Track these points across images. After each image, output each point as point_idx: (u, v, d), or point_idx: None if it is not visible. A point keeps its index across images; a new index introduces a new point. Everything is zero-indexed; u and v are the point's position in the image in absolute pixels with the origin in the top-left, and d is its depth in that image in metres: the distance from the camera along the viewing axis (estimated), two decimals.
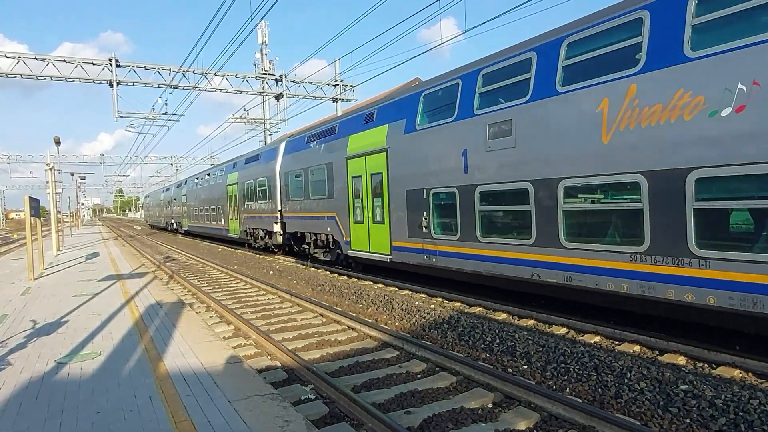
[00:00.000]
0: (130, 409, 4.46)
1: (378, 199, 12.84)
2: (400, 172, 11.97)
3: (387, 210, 12.50)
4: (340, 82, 30.29)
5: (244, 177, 23.67)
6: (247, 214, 23.32)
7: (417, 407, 5.50)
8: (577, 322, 8.29)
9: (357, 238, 14.05)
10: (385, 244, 12.72)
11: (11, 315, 8.97)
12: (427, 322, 8.85)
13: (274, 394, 4.72)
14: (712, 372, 6.17)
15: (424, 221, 11.09)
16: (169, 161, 67.70)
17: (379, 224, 12.87)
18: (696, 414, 4.95)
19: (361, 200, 13.59)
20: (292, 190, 18.28)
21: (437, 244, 10.88)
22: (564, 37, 8.18)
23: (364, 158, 13.35)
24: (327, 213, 15.48)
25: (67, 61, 25.61)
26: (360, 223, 13.84)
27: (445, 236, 10.69)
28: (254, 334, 8.58)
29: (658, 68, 6.69)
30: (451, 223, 10.46)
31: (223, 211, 27.54)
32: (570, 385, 5.89)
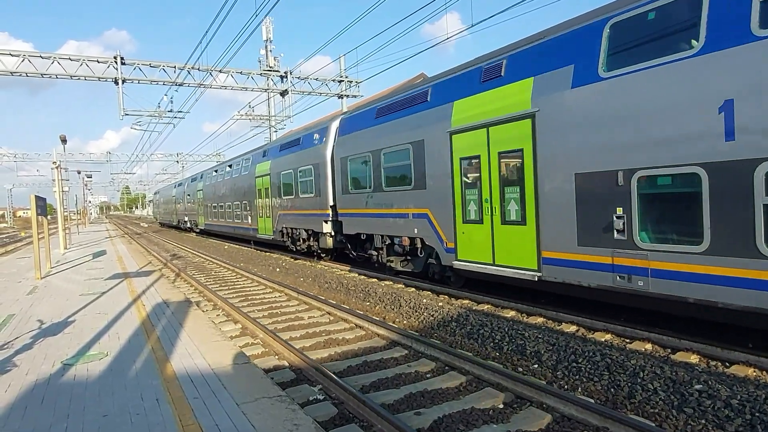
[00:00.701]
0: (136, 412, 4.41)
1: (513, 189, 9.09)
2: (563, 146, 8.01)
3: (533, 204, 8.61)
4: (345, 78, 30.15)
5: (279, 166, 19.63)
6: (284, 211, 19.23)
7: (427, 408, 5.42)
8: (587, 319, 8.18)
9: (469, 244, 10.11)
10: (526, 254, 8.84)
11: (18, 315, 8.96)
12: (436, 320, 8.77)
13: (283, 396, 4.65)
14: (725, 371, 6.05)
15: (618, 221, 7.19)
16: (175, 158, 67.82)
17: (515, 224, 9.05)
18: (711, 415, 4.85)
19: (479, 191, 9.76)
20: (351, 181, 14.24)
21: (648, 258, 6.92)
22: None
23: (485, 131, 9.50)
24: (413, 209, 11.54)
25: (72, 59, 25.61)
26: (475, 223, 9.90)
27: (669, 246, 6.74)
28: (261, 333, 8.53)
29: None
30: (688, 225, 6.60)
31: (251, 207, 23.33)
32: (582, 385, 5.80)
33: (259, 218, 22.22)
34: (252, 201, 23.04)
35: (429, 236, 11.17)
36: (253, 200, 22.83)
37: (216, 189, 30.18)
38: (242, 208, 24.73)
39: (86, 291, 11.32)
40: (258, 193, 22.19)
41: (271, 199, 20.61)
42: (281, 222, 19.71)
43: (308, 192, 16.99)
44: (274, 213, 20.34)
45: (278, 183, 19.73)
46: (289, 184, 18.71)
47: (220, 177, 29.29)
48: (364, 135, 13.59)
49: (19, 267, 17.29)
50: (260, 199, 21.96)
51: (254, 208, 22.88)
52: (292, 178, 18.30)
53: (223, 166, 29.90)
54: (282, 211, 19.51)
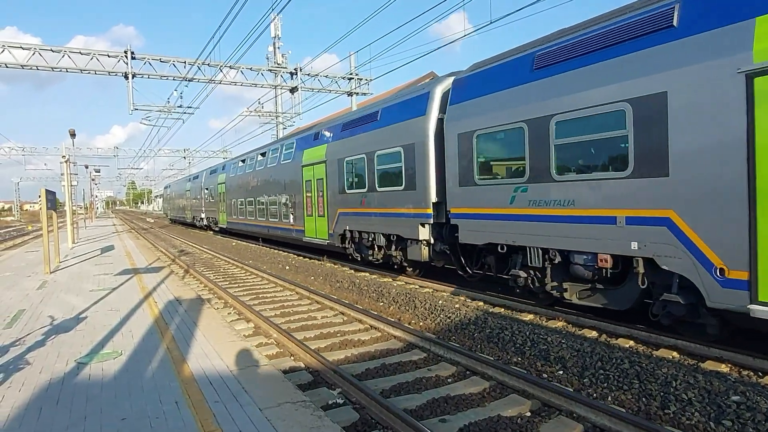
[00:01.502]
0: (156, 416, 4.25)
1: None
2: None
3: None
4: (356, 75, 29.98)
5: (342, 151, 15.12)
6: (347, 209, 14.81)
7: (451, 414, 5.25)
8: (609, 324, 7.98)
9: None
10: None
11: (28, 310, 8.84)
12: (453, 322, 8.58)
13: (307, 402, 4.48)
14: (760, 381, 5.84)
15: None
16: (182, 154, 67.83)
17: None
18: (752, 428, 4.64)
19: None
20: (479, 167, 9.82)
21: None
22: None
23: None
24: (633, 211, 7.13)
25: (82, 53, 25.56)
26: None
27: None
28: (275, 333, 8.37)
29: None
30: None
31: (294, 204, 19.07)
32: (611, 394, 5.60)
33: (307, 218, 17.89)
34: (296, 196, 18.84)
35: (671, 255, 6.64)
36: (298, 195, 18.56)
37: (243, 182, 25.80)
38: (281, 205, 20.53)
39: (96, 287, 11.19)
40: (306, 186, 17.83)
41: (326, 193, 16.08)
42: (342, 223, 15.07)
43: (393, 184, 12.57)
44: (330, 212, 15.81)
45: (340, 173, 15.15)
46: (358, 174, 14.23)
47: (249, 168, 24.99)
48: (514, 96, 9.01)
49: (28, 261, 17.21)
50: (309, 193, 17.62)
51: (299, 205, 18.56)
52: (364, 165, 13.77)
53: (252, 155, 25.41)
54: (344, 209, 14.96)
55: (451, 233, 10.92)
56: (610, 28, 7.60)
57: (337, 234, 15.46)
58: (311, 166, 17.32)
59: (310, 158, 17.53)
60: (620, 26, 7.43)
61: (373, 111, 13.97)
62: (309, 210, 17.75)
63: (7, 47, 24.41)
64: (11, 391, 4.93)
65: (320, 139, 16.90)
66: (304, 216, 18.13)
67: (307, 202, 17.81)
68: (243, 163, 26.65)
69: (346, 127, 15.21)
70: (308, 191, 17.73)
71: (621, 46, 7.27)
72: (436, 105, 11.29)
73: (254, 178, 24.13)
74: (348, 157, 14.71)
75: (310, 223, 17.79)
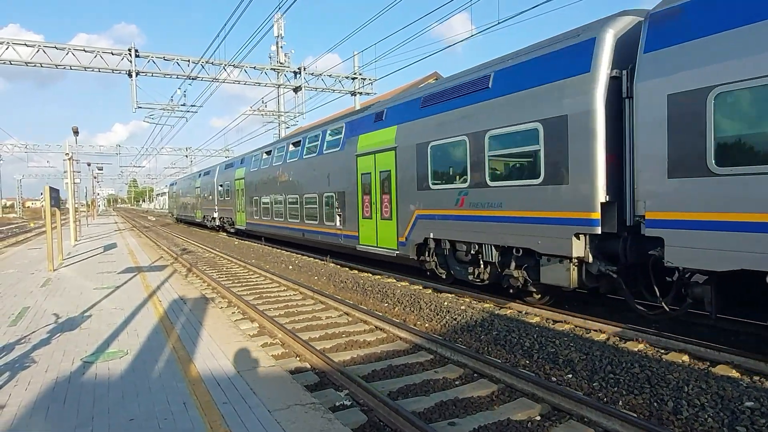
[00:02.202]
0: (164, 416, 4.20)
1: None
2: None
3: None
4: (359, 75, 29.95)
5: (422, 134, 11.54)
6: (432, 209, 11.31)
7: (461, 418, 5.20)
8: (618, 327, 7.92)
9: None
10: None
11: (33, 308, 8.81)
12: (459, 324, 8.53)
13: (316, 404, 4.43)
14: None
15: None
16: (184, 153, 67.85)
17: None
18: None
19: None
20: (720, 144, 6.25)
21: None
22: None
23: None
24: None
25: (86, 50, 25.55)
26: None
27: None
28: (280, 333, 8.32)
29: None
30: None
31: (343, 203, 15.39)
32: (622, 398, 5.54)
33: (363, 221, 14.22)
34: (347, 193, 15.08)
35: None
36: (350, 192, 14.85)
37: (269, 177, 22.30)
38: (323, 205, 16.90)
39: (100, 285, 11.16)
40: (363, 180, 14.16)
41: (395, 190, 12.63)
42: (422, 229, 11.60)
43: (521, 176, 9.18)
44: (402, 214, 12.37)
45: (420, 163, 11.62)
46: (453, 163, 10.68)
47: (278, 160, 21.42)
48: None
49: (31, 258, 17.19)
50: (367, 189, 13.91)
51: (350, 204, 14.87)
52: (465, 151, 10.19)
53: (281, 144, 21.98)
54: (426, 211, 11.51)
55: (637, 250, 7.60)
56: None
57: (412, 243, 11.90)
58: (371, 155, 13.67)
59: (369, 145, 13.84)
60: None
61: (478, 76, 10.20)
62: (366, 211, 13.98)
63: (11, 44, 24.41)
64: (18, 390, 4.89)
65: (386, 119, 13.21)
66: (359, 218, 14.34)
67: (365, 201, 14.06)
68: (268, 155, 22.90)
69: (429, 102, 11.47)
70: (366, 187, 13.99)
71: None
72: (607, 57, 7.72)
73: (284, 172, 20.51)
74: (435, 140, 11.09)
75: (367, 228, 13.98)
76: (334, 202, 15.97)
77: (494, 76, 9.77)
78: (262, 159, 23.56)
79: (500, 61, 9.94)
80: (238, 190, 27.41)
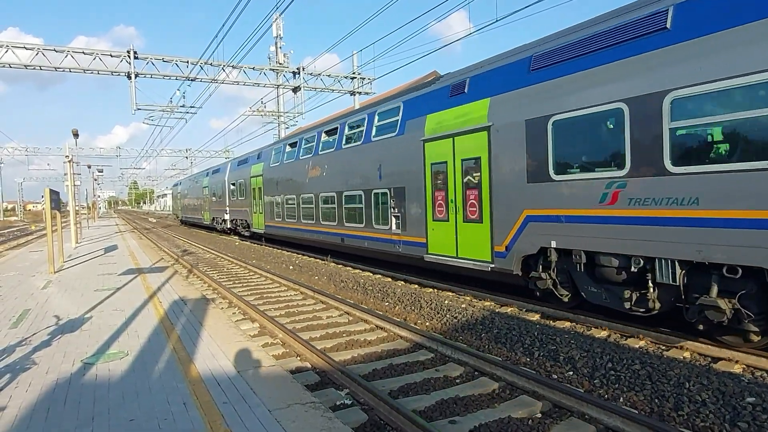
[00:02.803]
0: (164, 417, 4.19)
1: None
2: None
3: None
4: (358, 75, 29.95)
5: (536, 107, 8.72)
6: (555, 209, 8.45)
7: (461, 416, 5.19)
8: (618, 324, 7.90)
9: None
10: None
11: (34, 309, 8.81)
12: (460, 322, 8.52)
13: (316, 403, 4.43)
14: None
15: None
16: (185, 154, 67.86)
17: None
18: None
19: None
20: None
21: None
22: None
23: None
24: None
25: (85, 53, 25.58)
26: None
27: None
28: (281, 333, 8.33)
29: None
30: None
31: (402, 201, 12.54)
32: (623, 395, 5.54)
33: (434, 224, 11.40)
34: (409, 189, 12.25)
35: None
36: (414, 187, 12.01)
37: (295, 172, 19.49)
38: (373, 203, 13.96)
39: (101, 286, 11.16)
40: (433, 172, 11.34)
41: (488, 183, 9.75)
42: (537, 235, 8.76)
43: (747, 156, 6.11)
44: (500, 214, 9.49)
45: (530, 146, 8.78)
46: (602, 140, 7.86)
47: (306, 152, 18.63)
48: None
49: (32, 261, 17.20)
50: (441, 183, 11.08)
51: (413, 203, 12.11)
52: (621, 125, 7.36)
53: (310, 134, 19.00)
54: (542, 211, 8.65)
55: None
56: None
57: (517, 254, 9.11)
58: (446, 138, 10.78)
59: (443, 126, 10.93)
60: None
61: (642, 15, 7.31)
62: (440, 211, 11.13)
63: (10, 47, 24.44)
64: (18, 392, 4.89)
65: (470, 92, 10.36)
66: (427, 221, 11.56)
67: (436, 199, 11.23)
68: (293, 148, 20.10)
69: (547, 62, 8.65)
70: (438, 180, 11.15)
71: None
72: None
73: (316, 166, 17.55)
74: (561, 113, 8.20)
75: (441, 232, 11.14)
76: (389, 200, 13.00)
77: (676, 11, 6.84)
78: (286, 152, 20.65)
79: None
80: (254, 189, 24.68)
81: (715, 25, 6.33)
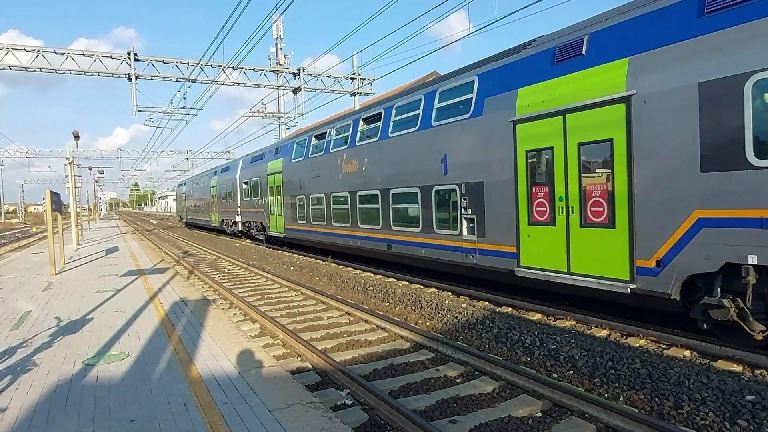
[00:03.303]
0: (165, 417, 4.21)
1: None
2: None
3: None
4: (358, 75, 29.97)
5: (725, 60, 6.22)
6: (739, 208, 6.10)
7: (462, 415, 5.20)
8: (618, 324, 7.91)
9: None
10: None
11: (35, 311, 8.83)
12: (460, 322, 8.53)
13: (316, 403, 4.44)
14: None
15: None
16: (185, 156, 67.94)
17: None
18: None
19: None
20: None
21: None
22: None
23: None
24: None
25: (85, 54, 25.61)
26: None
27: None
28: (281, 334, 8.33)
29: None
30: None
31: (476, 200, 10.19)
32: (623, 393, 5.54)
33: (530, 228, 8.97)
34: (490, 184, 9.81)
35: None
36: (498, 182, 9.61)
37: (324, 168, 16.98)
38: (434, 203, 11.52)
39: (102, 288, 11.18)
40: (530, 160, 8.93)
41: (625, 173, 7.39)
42: (719, 246, 6.32)
43: None
44: (646, 216, 7.16)
45: (712, 119, 6.37)
46: None
47: (337, 145, 16.22)
48: None
49: (34, 263, 17.23)
50: (557, 175, 8.41)
51: (497, 201, 9.66)
52: None
53: (343, 123, 16.38)
54: (729, 213, 6.24)
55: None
56: None
57: (680, 271, 6.75)
58: (553, 117, 8.36)
59: (547, 101, 8.50)
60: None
61: None
62: (540, 212, 8.69)
63: (10, 50, 24.48)
64: (19, 393, 4.90)
65: (591, 53, 8.01)
66: (518, 224, 9.14)
67: (535, 196, 8.80)
68: (320, 140, 17.73)
69: None
70: (539, 170, 8.76)
71: None
72: None
73: (352, 160, 15.08)
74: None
75: (544, 239, 8.64)
76: (458, 199, 10.60)
77: None
78: (311, 145, 18.21)
79: None
80: (272, 188, 22.23)
81: None
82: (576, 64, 8.21)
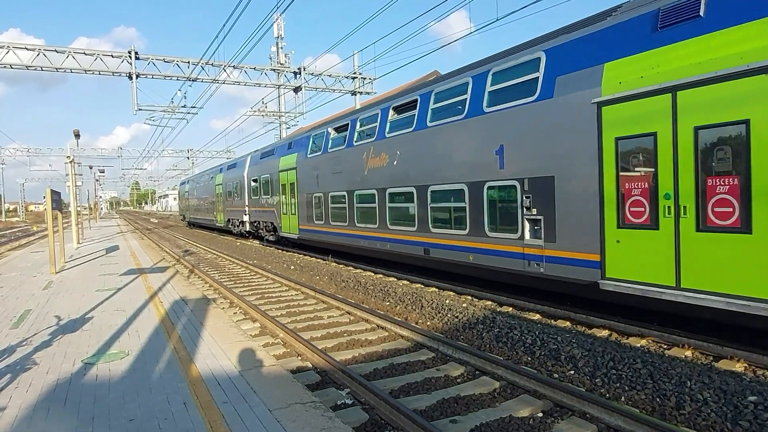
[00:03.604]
0: (164, 416, 4.19)
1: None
2: None
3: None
4: (359, 74, 29.94)
5: None
6: None
7: (462, 415, 5.18)
8: (620, 323, 7.89)
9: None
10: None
11: (35, 310, 8.81)
12: (461, 321, 8.51)
13: (317, 403, 4.42)
14: None
15: None
16: (186, 155, 67.94)
17: None
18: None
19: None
20: None
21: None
22: None
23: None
24: None
25: (86, 53, 25.58)
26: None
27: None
28: (282, 333, 8.32)
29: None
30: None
31: (543, 198, 8.67)
32: (625, 394, 5.52)
33: (620, 232, 7.43)
34: (562, 179, 8.40)
35: None
36: (574, 177, 8.18)
37: (346, 163, 15.56)
38: (481, 203, 10.16)
39: (102, 287, 11.16)
40: (622, 151, 7.37)
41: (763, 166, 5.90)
42: None
43: None
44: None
45: None
46: None
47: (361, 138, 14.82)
48: None
49: (34, 261, 17.22)
50: (662, 168, 6.88)
51: (572, 200, 8.25)
52: None
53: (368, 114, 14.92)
54: None
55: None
56: None
57: None
58: (659, 95, 6.86)
59: (649, 77, 6.99)
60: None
61: None
62: (635, 213, 7.20)
63: (11, 48, 24.46)
64: (18, 392, 4.89)
65: (713, 13, 6.53)
66: (605, 227, 7.63)
67: (628, 193, 7.30)
68: (340, 132, 16.37)
69: None
70: (635, 164, 7.25)
71: None
72: None
73: (380, 154, 13.51)
74: None
75: (642, 246, 7.13)
76: (518, 197, 9.19)
77: None
78: (330, 139, 16.71)
79: None
80: (284, 185, 20.73)
81: None
82: (689, 30, 6.72)
